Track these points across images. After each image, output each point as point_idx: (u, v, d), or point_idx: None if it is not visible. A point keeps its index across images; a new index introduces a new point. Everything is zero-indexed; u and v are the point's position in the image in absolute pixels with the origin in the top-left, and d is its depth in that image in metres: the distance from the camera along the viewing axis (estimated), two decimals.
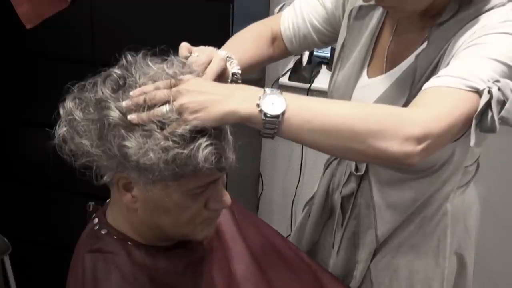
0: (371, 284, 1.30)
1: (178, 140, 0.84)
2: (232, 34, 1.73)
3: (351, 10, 1.21)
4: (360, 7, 1.20)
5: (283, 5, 1.39)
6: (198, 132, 0.85)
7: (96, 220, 1.03)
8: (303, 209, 1.53)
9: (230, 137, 0.91)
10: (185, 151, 0.84)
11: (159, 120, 0.85)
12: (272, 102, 0.85)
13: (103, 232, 1.01)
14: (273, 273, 1.15)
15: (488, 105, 0.92)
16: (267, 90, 0.86)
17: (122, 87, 0.90)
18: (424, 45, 1.09)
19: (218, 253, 1.10)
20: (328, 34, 1.30)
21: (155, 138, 0.84)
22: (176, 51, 0.98)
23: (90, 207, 1.08)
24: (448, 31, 1.05)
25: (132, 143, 0.85)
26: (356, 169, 1.26)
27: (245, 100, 0.86)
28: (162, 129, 0.85)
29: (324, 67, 2.29)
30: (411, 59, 1.12)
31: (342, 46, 1.24)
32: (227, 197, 0.97)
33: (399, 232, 1.25)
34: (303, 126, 0.87)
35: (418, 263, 1.26)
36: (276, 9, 1.40)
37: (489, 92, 0.92)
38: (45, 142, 0.92)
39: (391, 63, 1.17)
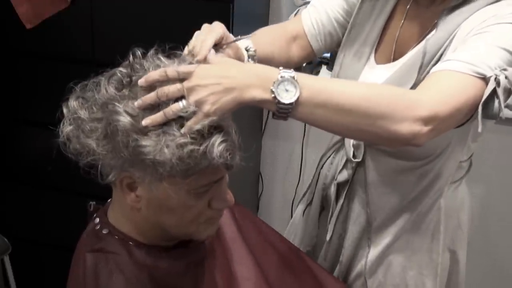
0: (365, 280, 1.31)
1: (196, 136, 0.85)
2: (232, 34, 1.74)
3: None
4: None
5: (298, 10, 1.39)
6: (214, 128, 0.86)
7: (97, 220, 1.03)
8: (297, 205, 1.53)
9: (235, 135, 0.91)
10: (201, 148, 0.85)
11: (178, 116, 0.85)
12: (286, 89, 0.87)
13: (104, 232, 1.01)
14: (273, 273, 1.15)
15: (494, 92, 0.94)
16: (281, 73, 0.87)
17: (126, 86, 0.90)
18: (434, 30, 1.10)
19: (219, 253, 1.10)
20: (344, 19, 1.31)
21: (172, 134, 0.85)
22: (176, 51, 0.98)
23: (91, 207, 1.08)
24: (458, 17, 1.07)
25: (147, 141, 0.85)
26: (354, 156, 1.27)
27: (259, 86, 0.87)
28: (179, 125, 0.85)
29: (324, 67, 2.28)
30: (413, 52, 1.13)
31: (352, 25, 1.25)
32: (230, 196, 0.98)
33: (393, 228, 1.26)
34: (315, 110, 0.89)
35: (411, 259, 1.27)
36: (292, 15, 1.40)
37: (496, 79, 0.94)
38: (45, 142, 0.92)
39: (400, 49, 1.18)
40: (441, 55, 1.07)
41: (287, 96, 0.86)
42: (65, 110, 0.93)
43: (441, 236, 1.27)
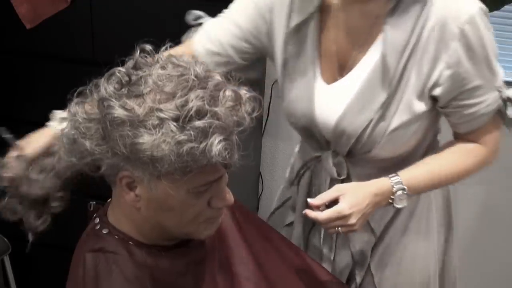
0: (372, 276, 1.32)
1: (196, 134, 0.84)
2: None
3: (285, 33, 1.20)
4: (297, 26, 1.19)
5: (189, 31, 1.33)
6: (215, 127, 0.85)
7: (97, 220, 1.03)
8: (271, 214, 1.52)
9: (235, 134, 0.92)
10: (201, 146, 0.85)
11: (175, 114, 0.85)
12: (400, 198, 1.14)
13: (104, 232, 1.01)
14: (274, 272, 1.15)
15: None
16: (394, 187, 1.13)
17: (125, 85, 0.90)
18: (379, 41, 1.12)
19: (219, 253, 1.10)
20: (250, 51, 1.27)
21: (169, 129, 0.84)
22: None
23: (91, 206, 1.08)
24: (405, 20, 1.09)
25: (144, 138, 0.85)
26: (338, 174, 1.27)
27: (384, 200, 1.14)
28: (176, 121, 0.85)
29: None
30: (371, 58, 1.14)
31: (285, 63, 1.22)
32: (230, 195, 0.97)
33: (392, 224, 1.30)
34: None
35: (411, 248, 1.32)
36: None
37: (502, 98, 1.15)
38: None
39: (343, 63, 1.18)
40: (406, 64, 1.10)
41: (400, 203, 1.14)
42: (67, 114, 0.94)
43: (434, 215, 1.32)
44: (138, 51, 0.95)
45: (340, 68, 1.19)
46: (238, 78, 1.08)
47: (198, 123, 0.84)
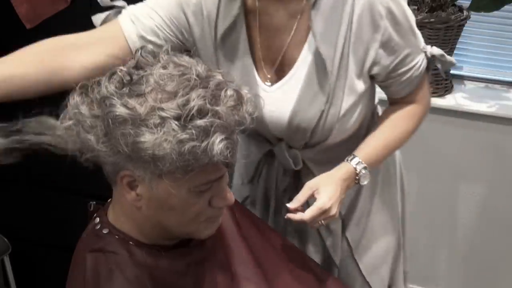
0: (350, 248, 1.38)
1: (197, 133, 0.85)
2: None
3: (215, 40, 1.19)
4: (224, 33, 1.17)
5: (107, 16, 1.30)
6: (216, 126, 0.86)
7: (98, 219, 1.04)
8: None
9: (236, 133, 0.92)
10: (202, 145, 0.85)
11: (177, 113, 0.85)
12: (364, 176, 1.21)
13: (104, 231, 1.01)
14: (273, 273, 1.15)
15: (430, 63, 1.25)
16: (357, 168, 1.20)
17: (126, 84, 0.90)
18: (311, 36, 1.13)
19: (220, 254, 1.10)
20: (179, 45, 1.22)
21: (171, 128, 0.85)
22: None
23: (92, 206, 1.08)
24: (331, 11, 1.12)
25: (146, 137, 0.85)
26: (294, 164, 1.28)
27: (351, 182, 1.21)
28: (178, 120, 0.85)
29: None
30: (307, 53, 1.15)
31: (218, 65, 1.20)
32: (230, 195, 0.98)
33: (359, 194, 1.37)
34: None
35: (380, 214, 1.41)
36: (98, 22, 1.32)
37: (427, 57, 1.23)
38: None
39: (279, 63, 1.19)
40: (341, 54, 1.13)
41: (365, 179, 1.22)
42: (68, 105, 0.93)
43: (398, 167, 1.45)
44: (140, 51, 0.95)
45: (278, 68, 1.20)
46: None
47: (200, 122, 0.85)
